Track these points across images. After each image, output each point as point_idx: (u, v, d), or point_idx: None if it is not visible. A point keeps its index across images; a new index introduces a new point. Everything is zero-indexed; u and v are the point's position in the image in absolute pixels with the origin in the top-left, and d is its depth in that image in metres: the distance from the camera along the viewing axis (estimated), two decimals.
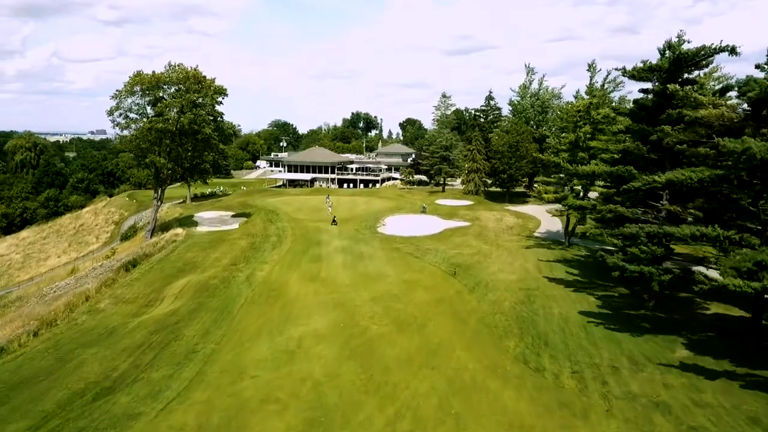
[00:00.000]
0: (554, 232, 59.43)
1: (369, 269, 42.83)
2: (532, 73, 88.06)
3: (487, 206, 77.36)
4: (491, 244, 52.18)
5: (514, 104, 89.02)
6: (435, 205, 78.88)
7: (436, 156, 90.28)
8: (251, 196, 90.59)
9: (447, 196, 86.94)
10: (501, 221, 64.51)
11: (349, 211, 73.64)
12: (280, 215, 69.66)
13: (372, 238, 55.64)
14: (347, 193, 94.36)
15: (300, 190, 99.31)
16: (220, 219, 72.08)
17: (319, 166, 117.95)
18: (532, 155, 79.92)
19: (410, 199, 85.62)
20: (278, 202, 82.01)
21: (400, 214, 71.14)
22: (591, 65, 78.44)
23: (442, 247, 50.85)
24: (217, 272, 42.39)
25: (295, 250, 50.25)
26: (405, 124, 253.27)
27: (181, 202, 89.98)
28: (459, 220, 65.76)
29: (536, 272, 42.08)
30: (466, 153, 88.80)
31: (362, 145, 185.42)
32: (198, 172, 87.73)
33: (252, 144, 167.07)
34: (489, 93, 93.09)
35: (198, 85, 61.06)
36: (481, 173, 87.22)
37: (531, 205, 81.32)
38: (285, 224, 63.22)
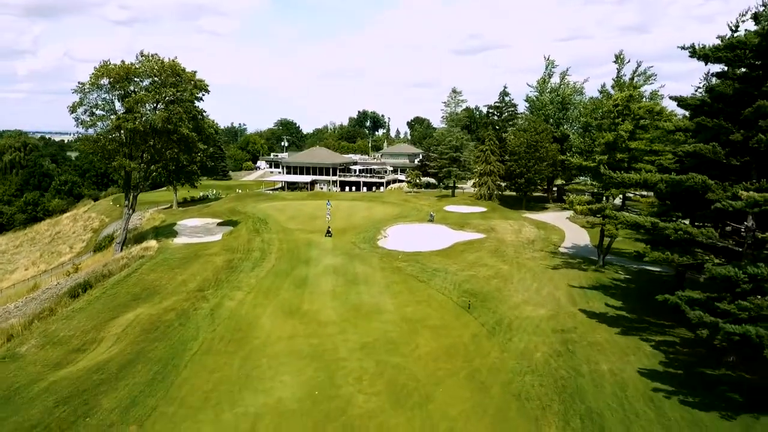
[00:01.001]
0: (583, 247, 51.19)
1: (363, 299, 34.91)
2: (552, 67, 79.73)
3: (503, 214, 69.17)
4: (511, 263, 44.08)
5: (531, 100, 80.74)
6: (444, 212, 70.83)
7: (445, 157, 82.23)
8: (243, 201, 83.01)
9: (457, 202, 78.85)
10: (520, 233, 56.32)
11: (347, 219, 65.80)
12: (270, 225, 61.96)
13: (370, 254, 47.74)
14: (348, 197, 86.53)
15: (297, 194, 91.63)
16: (204, 228, 64.54)
17: (320, 168, 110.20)
18: (552, 157, 71.78)
19: (416, 205, 77.64)
20: (271, 209, 74.34)
21: (405, 222, 63.15)
22: (618, 56, 69.67)
23: (452, 266, 42.86)
24: (177, 302, 34.68)
25: (278, 270, 42.48)
26: (413, 122, 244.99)
27: (167, 208, 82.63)
28: (471, 231, 57.68)
29: (569, 303, 33.96)
30: (478, 154, 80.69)
31: (368, 145, 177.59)
32: (184, 175, 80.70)
33: (252, 144, 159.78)
34: (504, 88, 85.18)
35: (175, 78, 53.43)
36: (495, 176, 79.07)
37: (551, 212, 73.07)
38: (273, 236, 55.48)
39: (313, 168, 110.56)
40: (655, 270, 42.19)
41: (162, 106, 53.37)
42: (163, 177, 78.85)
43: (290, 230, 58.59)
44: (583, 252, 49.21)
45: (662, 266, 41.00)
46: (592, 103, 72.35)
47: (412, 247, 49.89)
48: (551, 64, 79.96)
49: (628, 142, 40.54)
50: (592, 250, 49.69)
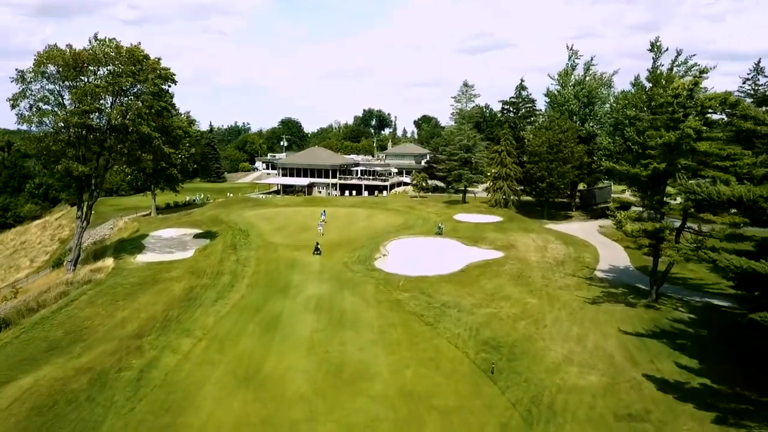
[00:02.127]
0: (623, 271, 42.13)
1: (348, 354, 26.12)
2: (575, 57, 70.41)
3: (522, 225, 60.06)
4: (540, 294, 35.11)
5: (552, 95, 71.49)
6: (453, 222, 61.85)
7: (455, 158, 73.21)
8: (229, 207, 74.43)
9: (469, 209, 69.82)
10: (545, 251, 47.27)
11: (343, 231, 57.02)
12: (251, 238, 53.26)
13: (365, 279, 38.90)
14: (347, 203, 77.77)
15: (291, 200, 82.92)
16: (177, 241, 56.05)
17: (318, 170, 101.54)
18: (578, 159, 62.63)
19: (423, 212, 68.70)
20: (257, 218, 65.69)
21: (409, 235, 54.22)
22: (654, 44, 60.72)
23: (466, 299, 33.97)
24: (102, 356, 26.08)
25: (246, 304, 33.78)
26: (420, 121, 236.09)
27: (146, 215, 74.23)
28: (487, 247, 48.69)
29: (628, 363, 25.00)
30: (492, 155, 71.63)
31: (373, 145, 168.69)
32: (164, 179, 72.41)
33: (250, 144, 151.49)
34: (520, 82, 75.84)
35: (136, 67, 44.83)
36: (512, 180, 69.97)
37: (577, 222, 63.90)
38: (251, 254, 46.80)
39: (311, 170, 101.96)
40: (724, 305, 33.09)
41: (124, 99, 44.93)
42: (140, 181, 70.88)
43: (273, 246, 49.84)
44: (626, 277, 40.12)
45: (733, 300, 31.97)
46: (624, 97, 63.11)
47: (417, 269, 41.01)
48: (574, 55, 70.64)
49: (696, 144, 31.37)
50: (636, 275, 40.60)
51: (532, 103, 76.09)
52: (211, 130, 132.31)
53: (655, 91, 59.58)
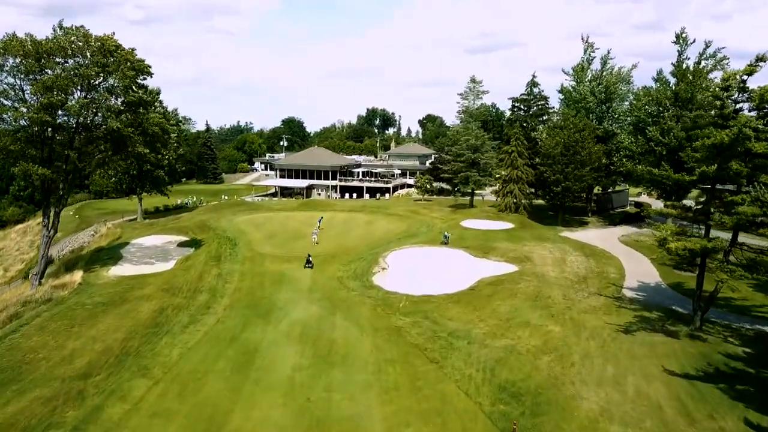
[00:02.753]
0: (654, 288, 37.09)
1: (334, 402, 21.26)
2: (592, 50, 65.27)
3: (535, 232, 55.06)
4: (563, 320, 30.17)
5: (567, 92, 66.36)
6: (461, 229, 56.92)
7: (462, 160, 68.24)
8: (220, 212, 69.72)
9: (477, 214, 64.86)
10: (564, 263, 42.28)
11: (340, 239, 52.23)
12: (239, 248, 48.54)
13: (361, 299, 34.04)
14: (346, 207, 72.89)
15: (287, 204, 78.07)
16: (159, 250, 51.39)
17: (318, 171, 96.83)
18: (596, 160, 57.58)
19: (427, 218, 63.83)
20: (248, 224, 60.97)
21: (412, 244, 49.30)
22: (680, 36, 55.66)
23: (478, 326, 29.09)
24: (34, 404, 21.33)
25: (220, 331, 28.99)
26: (425, 121, 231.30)
27: (132, 219, 69.64)
28: (499, 258, 43.75)
29: (680, 416, 20.05)
30: (502, 156, 66.64)
31: (377, 144, 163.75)
32: (149, 182, 67.78)
33: (249, 144, 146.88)
34: (532, 78, 70.90)
35: (107, 59, 40.11)
36: (523, 183, 64.99)
37: (594, 228, 58.84)
38: (235, 267, 42.04)
39: (310, 171, 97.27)
40: None
41: (95, 95, 40.26)
42: (125, 183, 66.32)
43: (262, 257, 45.05)
44: (659, 297, 35.07)
45: None
46: (647, 93, 58.00)
47: (420, 286, 36.15)
48: (590, 48, 65.54)
49: (753, 144, 26.30)
50: (670, 295, 35.57)
51: (545, 100, 71.10)
52: (208, 129, 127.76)
53: (681, 87, 54.58)
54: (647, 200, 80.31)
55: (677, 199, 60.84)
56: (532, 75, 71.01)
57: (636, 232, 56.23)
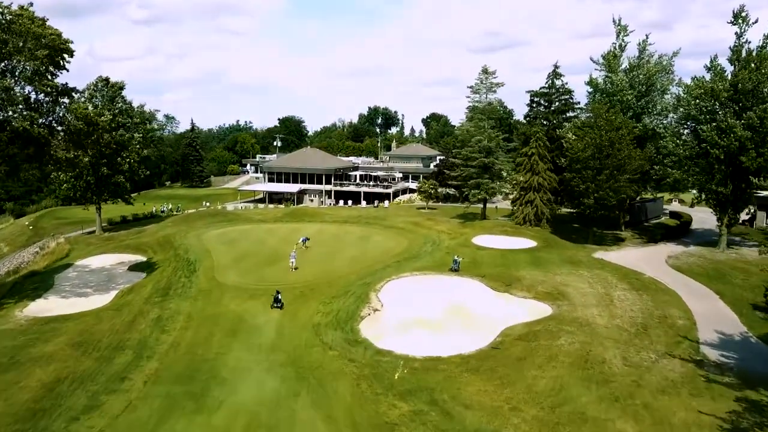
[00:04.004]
0: (741, 343, 27.20)
1: None
2: (625, 34, 55.22)
3: (564, 253, 45.22)
4: (634, 406, 20.40)
5: (595, 84, 56.36)
6: (473, 248, 47.18)
7: (472, 164, 58.30)
8: (191, 224, 60.08)
9: (491, 228, 55.00)
10: (611, 302, 32.39)
11: (324, 262, 42.57)
12: (198, 274, 39.00)
13: (339, 367, 24.29)
14: (339, 218, 63.14)
15: (270, 213, 68.26)
16: (105, 276, 42.04)
17: (310, 174, 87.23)
18: (638, 167, 47.76)
19: (432, 232, 54.11)
20: (220, 240, 51.40)
21: (414, 271, 39.49)
22: (738, 14, 45.71)
23: (510, 419, 19.38)
24: None
25: (123, 430, 19.31)
26: (429, 119, 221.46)
27: (90, 233, 60.07)
28: (526, 294, 33.95)
29: None
30: (520, 160, 56.78)
31: (377, 145, 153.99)
32: (108, 189, 58.23)
33: (241, 144, 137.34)
34: (554, 68, 60.90)
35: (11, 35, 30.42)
36: (545, 191, 55.16)
37: (632, 246, 49.05)
38: (184, 305, 32.41)
39: (302, 174, 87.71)
40: None
41: None
42: (78, 192, 56.89)
43: (221, 290, 35.38)
44: (754, 358, 25.20)
45: None
46: (698, 85, 48.05)
47: (424, 341, 26.49)
48: (623, 30, 55.54)
49: None
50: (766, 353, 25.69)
51: (569, 94, 61.10)
52: (193, 128, 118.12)
53: (742, 76, 44.67)
54: (681, 209, 70.38)
55: (734, 212, 51.28)
56: (554, 65, 61.17)
57: (685, 252, 46.39)
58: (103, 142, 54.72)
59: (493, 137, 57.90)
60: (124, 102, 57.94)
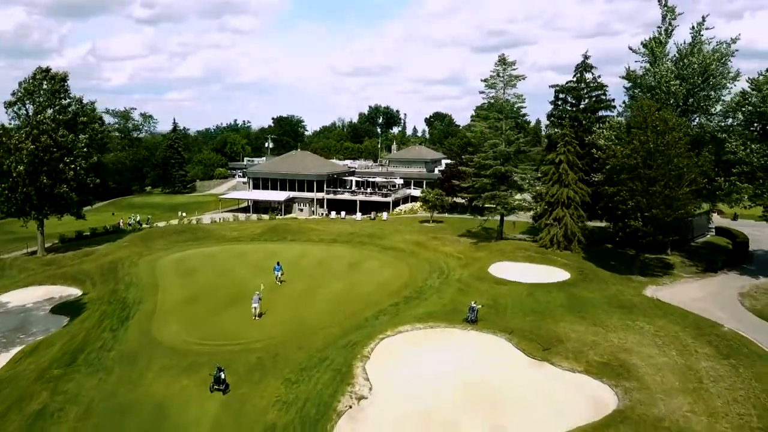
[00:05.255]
0: None
1: None
2: (672, 16, 45.33)
3: (609, 290, 35.38)
4: None
5: (634, 77, 46.45)
6: (491, 281, 37.43)
7: (487, 173, 48.37)
8: (151, 243, 50.40)
9: (511, 252, 45.15)
10: (700, 382, 22.51)
11: (299, 305, 32.90)
12: (131, 323, 29.39)
13: None
14: (328, 236, 53.37)
15: (250, 227, 58.31)
16: (20, 321, 32.86)
17: (300, 181, 77.51)
18: (702, 179, 37.95)
19: (439, 256, 44.48)
20: (177, 267, 41.80)
21: (416, 322, 29.60)
22: None
23: None
24: None
25: None
26: (432, 119, 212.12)
27: (32, 253, 50.35)
28: (572, 365, 24.11)
29: None
30: (546, 168, 46.98)
31: (378, 146, 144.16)
32: (49, 203, 48.59)
33: (231, 145, 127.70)
34: (583, 59, 50.94)
35: None
36: (576, 207, 45.37)
37: (687, 278, 39.27)
38: (89, 384, 22.74)
39: (290, 181, 77.95)
40: None
41: None
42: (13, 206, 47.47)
43: (152, 353, 25.69)
44: None
45: None
46: None
47: None
48: (671, 12, 45.72)
49: None
50: None
51: (602, 89, 51.14)
52: (175, 129, 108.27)
53: None
54: (722, 222, 60.50)
55: None
56: (584, 55, 51.14)
57: (759, 288, 36.60)
58: (40, 145, 45.78)
59: (512, 140, 48.01)
60: (68, 96, 48.28)
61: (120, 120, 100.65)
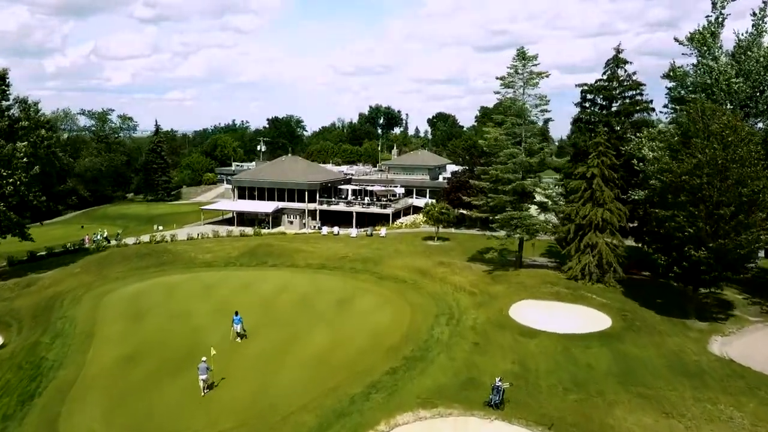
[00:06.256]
0: None
1: None
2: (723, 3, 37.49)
3: (664, 344, 27.59)
4: None
5: (682, 75, 38.59)
6: (515, 329, 29.66)
7: (505, 187, 40.46)
8: (105, 270, 42.75)
9: (533, 287, 37.26)
10: None
11: (264, 375, 25.23)
12: (35, 404, 21.62)
13: None
14: (317, 260, 45.62)
15: (224, 248, 50.28)
16: None
17: (290, 190, 69.81)
18: None
19: (447, 290, 36.79)
20: (125, 307, 34.08)
21: (419, 407, 21.87)
22: None
23: None
24: None
25: None
26: (435, 120, 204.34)
27: None
28: None
29: None
30: (575, 185, 39.16)
31: (377, 148, 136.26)
32: None
33: (221, 148, 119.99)
34: (616, 52, 43.09)
35: None
36: (612, 231, 37.59)
37: (756, 322, 31.35)
38: None
39: (279, 190, 70.24)
40: None
41: None
42: None
43: None
44: None
45: None
46: None
47: None
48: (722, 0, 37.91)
49: None
50: None
51: (638, 88, 43.23)
52: (157, 131, 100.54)
53: None
54: None
55: None
56: (615, 49, 43.27)
57: None
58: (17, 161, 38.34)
59: (536, 149, 40.15)
60: (6, 97, 40.65)
61: (97, 122, 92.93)
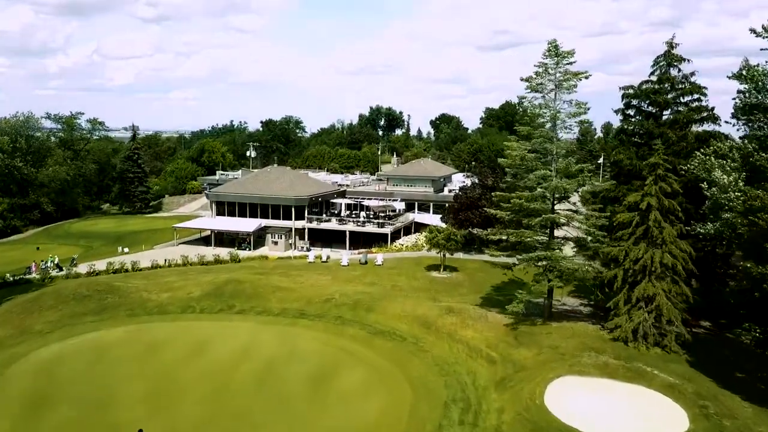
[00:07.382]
0: None
1: None
2: None
3: None
4: None
5: (761, 76, 29.98)
6: (555, 424, 20.94)
7: (533, 222, 31.68)
8: (31, 320, 34.12)
9: (572, 353, 28.52)
10: None
11: None
12: None
13: None
14: (296, 303, 37.00)
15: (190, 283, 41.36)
16: None
17: (275, 206, 61.30)
18: None
19: (459, 355, 28.33)
20: (29, 386, 25.46)
21: None
22: None
23: None
24: None
25: None
26: (438, 121, 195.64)
27: None
28: None
29: None
30: (624, 218, 30.40)
31: (377, 152, 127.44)
32: None
33: (209, 153, 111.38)
34: (668, 47, 34.57)
35: None
36: (674, 276, 28.85)
37: None
38: None
39: (263, 206, 61.81)
40: None
41: None
42: None
43: None
44: None
45: None
46: None
47: None
48: None
49: None
50: None
51: (698, 91, 34.40)
52: (134, 137, 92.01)
53: None
54: None
55: None
56: (668, 44, 34.62)
57: None
58: None
59: (573, 173, 31.40)
60: None
61: (64, 127, 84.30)
